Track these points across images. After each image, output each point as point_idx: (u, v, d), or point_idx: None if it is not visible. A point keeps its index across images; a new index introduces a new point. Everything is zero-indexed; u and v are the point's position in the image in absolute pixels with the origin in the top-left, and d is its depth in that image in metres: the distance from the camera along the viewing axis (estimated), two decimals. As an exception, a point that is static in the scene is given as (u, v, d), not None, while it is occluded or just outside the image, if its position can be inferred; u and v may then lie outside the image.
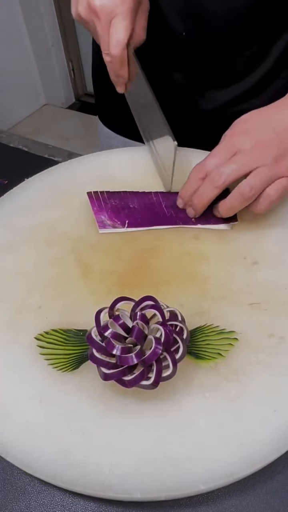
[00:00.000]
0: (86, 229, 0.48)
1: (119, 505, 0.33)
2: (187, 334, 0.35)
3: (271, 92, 0.58)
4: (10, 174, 0.61)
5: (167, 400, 0.34)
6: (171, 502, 0.33)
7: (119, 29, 0.42)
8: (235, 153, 0.42)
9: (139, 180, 0.53)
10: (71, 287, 0.43)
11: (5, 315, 0.41)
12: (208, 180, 0.43)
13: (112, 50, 0.43)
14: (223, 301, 0.41)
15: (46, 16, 2.17)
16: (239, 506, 0.33)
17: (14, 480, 0.35)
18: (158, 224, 0.48)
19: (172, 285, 0.42)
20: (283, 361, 0.36)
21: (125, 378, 0.32)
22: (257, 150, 0.42)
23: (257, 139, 0.42)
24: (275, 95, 0.47)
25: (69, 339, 0.38)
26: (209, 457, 0.32)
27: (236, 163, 0.42)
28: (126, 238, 0.47)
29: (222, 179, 0.42)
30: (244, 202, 0.43)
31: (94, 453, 0.32)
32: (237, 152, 0.42)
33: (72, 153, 0.68)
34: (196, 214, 0.47)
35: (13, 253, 0.46)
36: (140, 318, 0.34)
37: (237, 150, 0.42)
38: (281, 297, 0.41)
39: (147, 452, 0.32)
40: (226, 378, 0.36)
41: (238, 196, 0.43)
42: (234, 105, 0.59)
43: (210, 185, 0.43)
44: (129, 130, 0.68)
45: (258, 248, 0.45)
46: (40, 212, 0.51)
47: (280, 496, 0.34)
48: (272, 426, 0.33)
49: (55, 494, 0.34)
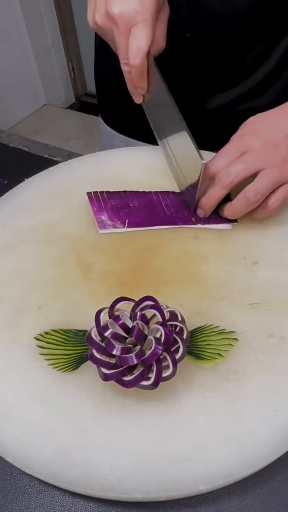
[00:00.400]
0: (86, 229, 0.48)
1: (119, 505, 0.33)
2: (187, 334, 0.35)
3: (274, 91, 0.58)
4: (10, 174, 0.61)
5: (167, 400, 0.34)
6: (171, 502, 0.33)
7: (140, 38, 0.40)
8: (244, 153, 0.42)
9: (140, 180, 0.53)
10: (71, 287, 0.43)
11: (5, 315, 0.41)
12: (217, 181, 0.43)
13: (132, 60, 0.41)
14: (223, 301, 0.41)
15: (46, 16, 2.17)
16: (239, 506, 0.33)
17: (14, 480, 0.35)
18: (158, 224, 0.48)
19: (172, 285, 0.42)
20: (283, 361, 0.36)
21: (125, 379, 0.32)
22: (266, 150, 0.41)
23: (266, 139, 0.42)
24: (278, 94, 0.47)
25: (69, 339, 0.38)
26: (209, 457, 0.32)
27: (244, 163, 0.42)
28: (126, 238, 0.47)
29: (229, 178, 0.42)
30: (249, 207, 0.43)
31: (94, 453, 0.32)
32: (246, 151, 0.42)
33: (72, 153, 0.68)
34: (206, 214, 0.47)
35: (13, 253, 0.46)
36: (140, 318, 0.34)
37: (246, 149, 0.42)
38: (281, 297, 0.41)
39: (147, 452, 0.32)
40: (226, 378, 0.36)
41: (243, 201, 0.43)
42: (237, 104, 0.59)
43: (218, 185, 0.43)
44: (132, 129, 0.68)
45: (258, 248, 0.45)
46: (40, 212, 0.51)
47: (280, 496, 0.34)
48: (272, 426, 0.33)
49: (55, 494, 0.34)
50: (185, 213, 0.49)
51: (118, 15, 0.40)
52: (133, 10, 0.39)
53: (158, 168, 0.55)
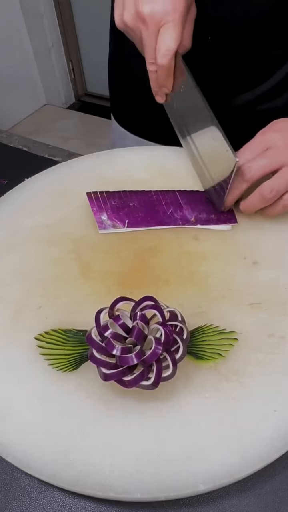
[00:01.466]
0: (86, 229, 0.48)
1: (119, 505, 0.33)
2: (187, 334, 0.35)
3: None
4: (10, 174, 0.61)
5: (167, 400, 0.34)
6: (171, 502, 0.33)
7: (170, 38, 0.40)
8: (268, 149, 0.43)
9: (140, 180, 0.53)
10: (71, 287, 0.43)
11: (5, 315, 0.41)
12: (238, 174, 0.44)
13: (159, 60, 0.42)
14: (223, 301, 0.41)
15: (46, 16, 2.17)
16: (239, 506, 0.33)
17: (14, 480, 0.35)
18: (158, 224, 0.48)
19: (172, 285, 0.42)
20: (283, 361, 0.36)
21: (125, 379, 0.32)
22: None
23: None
24: None
25: (69, 339, 0.38)
26: (209, 457, 0.32)
27: (267, 158, 0.42)
28: (126, 238, 0.47)
29: (251, 172, 0.42)
30: (264, 203, 0.44)
31: (94, 453, 0.32)
32: (269, 147, 0.43)
33: (72, 153, 0.68)
34: (226, 208, 0.48)
35: (13, 253, 0.46)
36: (140, 318, 0.34)
37: (269, 145, 0.43)
38: (281, 297, 0.41)
39: (147, 452, 0.32)
40: (226, 378, 0.36)
41: (258, 197, 0.43)
42: (255, 105, 0.59)
43: (240, 178, 0.44)
44: (145, 130, 0.68)
45: (258, 248, 0.45)
46: (40, 212, 0.51)
47: (280, 496, 0.34)
48: (272, 426, 0.33)
49: (55, 494, 0.34)
50: (185, 212, 0.49)
51: (149, 15, 0.40)
52: (164, 10, 0.40)
53: (158, 167, 0.55)
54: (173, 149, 0.57)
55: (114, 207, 0.49)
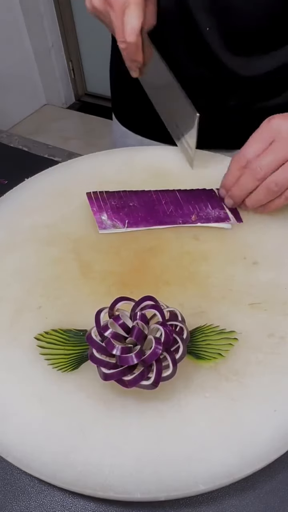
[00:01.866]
0: (86, 229, 0.48)
1: (119, 505, 0.33)
2: (187, 334, 0.35)
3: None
4: (10, 174, 0.61)
5: (167, 400, 0.34)
6: (171, 502, 0.33)
7: (133, 17, 0.44)
8: (273, 140, 0.44)
9: (139, 180, 0.53)
10: (71, 287, 0.43)
11: (5, 315, 0.41)
12: (249, 172, 0.45)
13: (127, 37, 0.45)
14: (223, 301, 0.41)
15: (46, 16, 2.17)
16: (239, 506, 0.33)
17: (14, 480, 0.35)
18: (158, 223, 0.48)
19: (172, 285, 0.42)
20: (283, 361, 0.36)
21: (125, 378, 0.32)
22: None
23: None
24: None
25: (69, 339, 0.38)
26: (209, 457, 0.32)
27: (273, 153, 0.43)
28: (126, 238, 0.47)
29: (262, 171, 0.44)
30: (270, 196, 0.45)
31: (94, 453, 0.32)
32: (275, 139, 0.43)
33: (72, 153, 0.68)
34: (235, 205, 0.48)
35: (13, 253, 0.46)
36: (140, 318, 0.34)
37: (274, 136, 0.43)
38: (281, 297, 0.41)
39: (147, 452, 0.32)
40: (226, 378, 0.36)
41: (264, 191, 0.44)
42: (254, 103, 0.59)
43: (251, 177, 0.45)
44: (146, 128, 0.68)
45: (258, 248, 0.45)
46: (40, 212, 0.51)
47: (280, 496, 0.34)
48: (272, 426, 0.33)
49: (55, 494, 0.34)
50: (185, 211, 0.49)
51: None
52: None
53: (158, 167, 0.55)
54: (173, 149, 0.57)
55: (114, 207, 0.49)
